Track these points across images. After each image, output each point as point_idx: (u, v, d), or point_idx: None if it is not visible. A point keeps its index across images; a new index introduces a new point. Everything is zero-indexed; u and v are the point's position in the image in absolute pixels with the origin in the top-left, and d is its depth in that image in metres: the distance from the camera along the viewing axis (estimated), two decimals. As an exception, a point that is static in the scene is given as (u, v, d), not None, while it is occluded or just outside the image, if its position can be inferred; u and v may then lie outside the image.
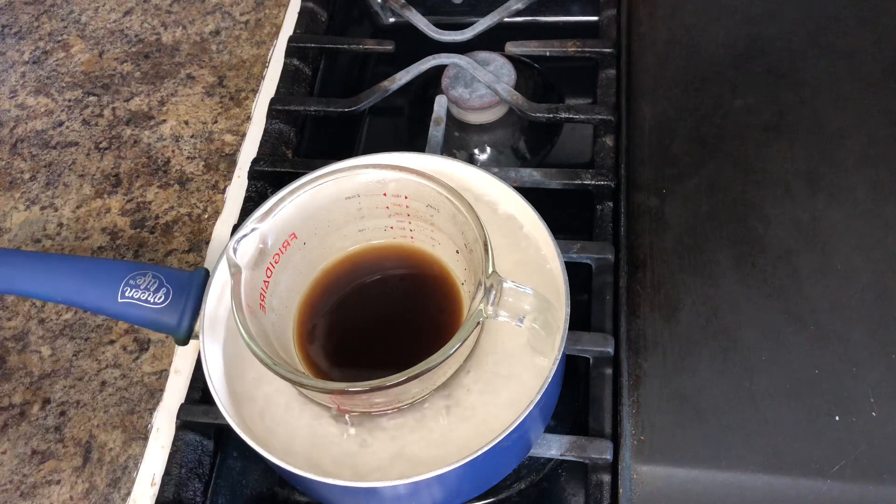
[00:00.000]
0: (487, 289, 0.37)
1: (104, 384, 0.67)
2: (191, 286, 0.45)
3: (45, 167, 0.80)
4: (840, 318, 0.46)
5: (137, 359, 0.68)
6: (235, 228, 0.56)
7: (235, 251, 0.39)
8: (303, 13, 0.67)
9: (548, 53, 0.62)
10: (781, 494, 0.42)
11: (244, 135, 0.64)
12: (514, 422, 0.38)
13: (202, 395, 0.49)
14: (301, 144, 0.63)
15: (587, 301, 0.51)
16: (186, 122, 0.82)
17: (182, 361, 0.53)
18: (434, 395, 0.42)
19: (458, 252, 0.43)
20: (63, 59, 0.89)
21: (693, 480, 0.43)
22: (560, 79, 0.66)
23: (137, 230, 0.75)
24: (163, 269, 0.46)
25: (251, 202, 0.57)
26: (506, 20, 0.65)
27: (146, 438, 0.52)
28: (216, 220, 0.59)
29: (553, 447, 0.45)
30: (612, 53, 0.60)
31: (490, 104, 0.60)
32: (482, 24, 0.64)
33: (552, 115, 0.58)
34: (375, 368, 0.42)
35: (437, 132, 0.57)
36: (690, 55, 0.58)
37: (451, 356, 0.36)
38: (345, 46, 0.66)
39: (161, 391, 0.53)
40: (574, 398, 0.51)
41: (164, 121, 0.83)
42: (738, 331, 0.46)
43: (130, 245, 0.74)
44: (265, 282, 0.41)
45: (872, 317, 0.46)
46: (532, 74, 0.66)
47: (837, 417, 0.43)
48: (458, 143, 0.63)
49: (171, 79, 0.86)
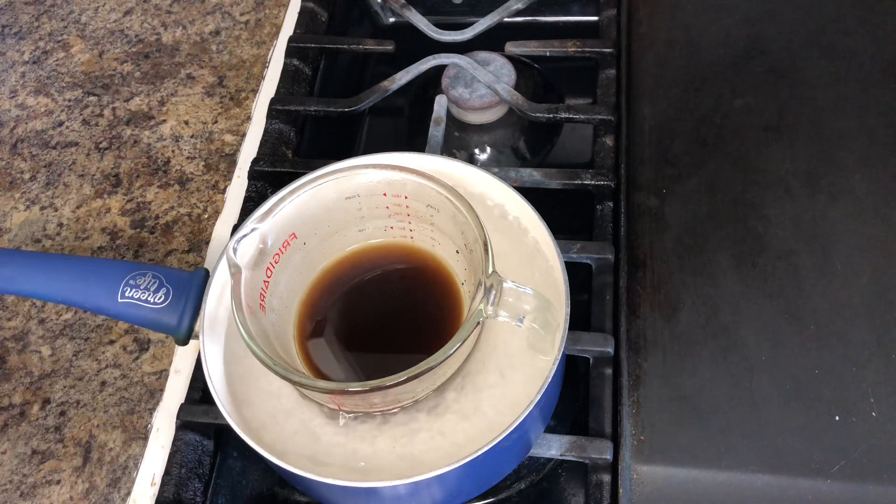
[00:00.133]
0: (487, 289, 0.37)
1: (104, 384, 0.67)
2: (191, 286, 0.45)
3: (45, 167, 0.80)
4: (840, 318, 0.46)
5: (137, 359, 0.68)
6: (235, 228, 0.56)
7: (235, 251, 0.39)
8: (303, 13, 0.67)
9: (548, 53, 0.62)
10: (781, 494, 0.42)
11: (244, 135, 0.64)
12: (514, 422, 0.38)
13: (202, 395, 0.49)
14: (301, 144, 0.63)
15: (587, 301, 0.51)
16: (186, 122, 0.82)
17: (182, 361, 0.53)
18: (434, 395, 0.42)
19: (458, 252, 0.43)
20: (63, 59, 0.89)
21: (693, 480, 0.43)
22: (560, 79, 0.66)
23: (137, 230, 0.75)
24: (163, 269, 0.46)
25: (251, 202, 0.57)
26: (506, 20, 0.65)
27: (146, 438, 0.52)
28: (216, 220, 0.59)
29: (553, 447, 0.45)
30: (612, 53, 0.60)
31: (490, 104, 0.60)
32: (482, 24, 0.64)
33: (552, 115, 0.58)
34: (375, 368, 0.43)
35: (437, 132, 0.57)
36: (690, 55, 0.58)
37: (451, 356, 0.36)
38: (345, 46, 0.66)
39: (161, 391, 0.53)
40: (574, 398, 0.51)
41: (164, 121, 0.83)
42: (738, 331, 0.46)
43: (130, 245, 0.74)
44: (265, 282, 0.41)
45: (872, 317, 0.46)
46: (532, 74, 0.66)
47: (837, 417, 0.43)
48: (458, 143, 0.63)
49: (171, 79, 0.86)
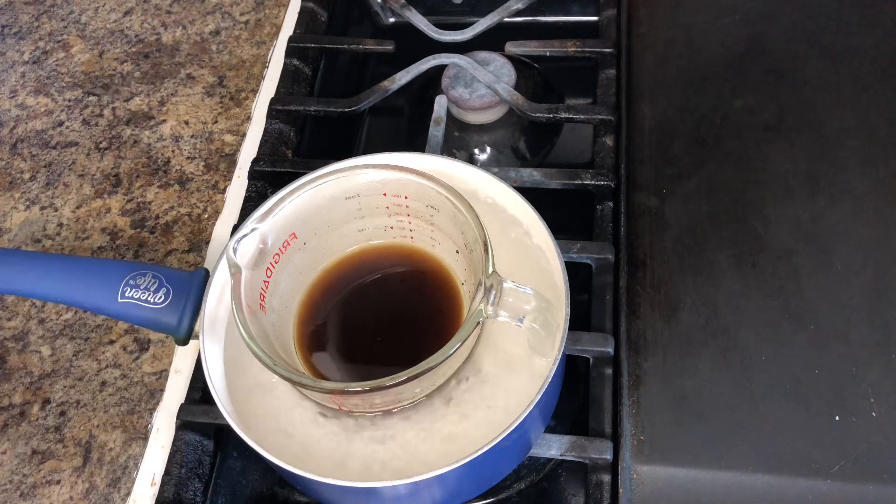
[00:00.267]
0: (487, 289, 0.37)
1: (104, 384, 0.67)
2: (191, 286, 0.45)
3: (45, 167, 0.80)
4: (840, 318, 0.46)
5: (137, 359, 0.68)
6: (235, 228, 0.56)
7: (235, 251, 0.39)
8: (303, 13, 0.67)
9: (548, 53, 0.62)
10: (781, 494, 0.42)
11: (244, 135, 0.64)
12: (514, 422, 0.38)
13: (202, 395, 0.49)
14: (301, 144, 0.63)
15: (587, 301, 0.51)
16: (186, 122, 0.82)
17: (182, 361, 0.53)
18: (434, 395, 0.42)
19: (458, 252, 0.43)
20: (63, 59, 0.89)
21: (693, 480, 0.43)
22: (560, 79, 0.66)
23: (137, 230, 0.75)
24: (163, 269, 0.46)
25: (251, 202, 0.57)
26: (506, 20, 0.65)
27: (146, 438, 0.52)
28: (216, 220, 0.59)
29: (553, 447, 0.45)
30: (612, 53, 0.60)
31: (490, 104, 0.60)
32: (482, 24, 0.64)
33: (552, 115, 0.58)
34: (375, 368, 0.43)
35: (437, 132, 0.57)
36: (690, 55, 0.58)
37: (451, 356, 0.36)
38: (345, 46, 0.66)
39: (161, 391, 0.53)
40: (574, 398, 0.51)
41: (164, 121, 0.83)
42: (738, 331, 0.46)
43: (130, 245, 0.74)
44: (265, 282, 0.41)
45: (872, 317, 0.46)
46: (532, 74, 0.66)
47: (837, 417, 0.43)
48: (458, 143, 0.63)
49: (171, 79, 0.86)
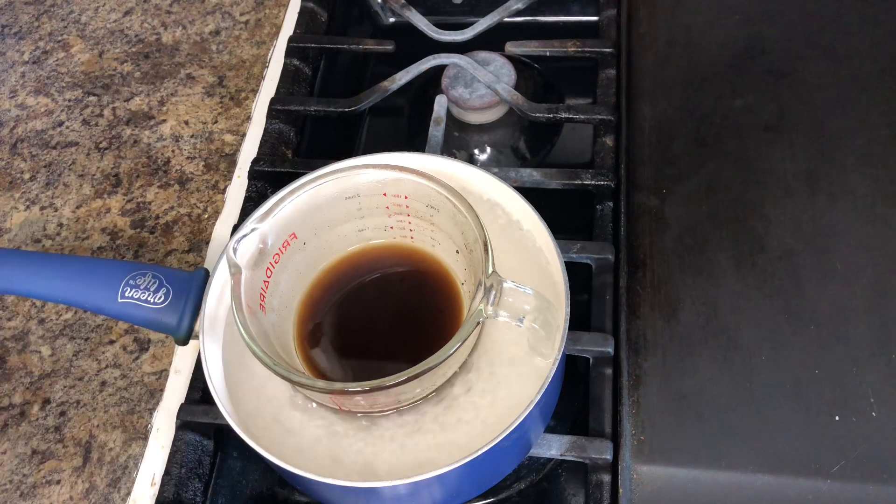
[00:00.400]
0: (487, 289, 0.37)
1: (104, 384, 0.67)
2: (191, 286, 0.45)
3: (45, 167, 0.80)
4: (840, 318, 0.46)
5: (137, 359, 0.68)
6: (235, 228, 0.56)
7: (235, 251, 0.39)
8: (303, 13, 0.67)
9: (548, 53, 0.62)
10: (781, 494, 0.42)
11: (244, 135, 0.64)
12: (514, 422, 0.38)
13: (202, 395, 0.49)
14: (301, 144, 0.63)
15: (587, 301, 0.51)
16: (186, 122, 0.82)
17: (182, 361, 0.53)
18: (434, 395, 0.42)
19: (458, 252, 0.43)
20: (63, 59, 0.89)
21: (693, 480, 0.43)
22: (560, 79, 0.66)
23: (137, 230, 0.75)
24: (163, 269, 0.46)
25: (251, 202, 0.57)
26: (506, 20, 0.65)
27: (146, 438, 0.52)
28: (216, 220, 0.59)
29: (553, 447, 0.45)
30: (612, 53, 0.60)
31: (490, 104, 0.60)
32: (482, 24, 0.64)
33: (552, 115, 0.58)
34: (375, 368, 0.43)
35: (437, 132, 0.57)
36: (690, 55, 0.58)
37: (451, 356, 0.36)
38: (345, 46, 0.66)
39: (161, 391, 0.53)
40: (574, 398, 0.51)
41: (164, 121, 0.82)
42: (738, 331, 0.46)
43: (130, 245, 0.74)
44: (265, 282, 0.41)
45: (872, 317, 0.46)
46: (532, 74, 0.66)
47: (837, 417, 0.43)
48: (458, 143, 0.63)
49: (171, 79, 0.86)
